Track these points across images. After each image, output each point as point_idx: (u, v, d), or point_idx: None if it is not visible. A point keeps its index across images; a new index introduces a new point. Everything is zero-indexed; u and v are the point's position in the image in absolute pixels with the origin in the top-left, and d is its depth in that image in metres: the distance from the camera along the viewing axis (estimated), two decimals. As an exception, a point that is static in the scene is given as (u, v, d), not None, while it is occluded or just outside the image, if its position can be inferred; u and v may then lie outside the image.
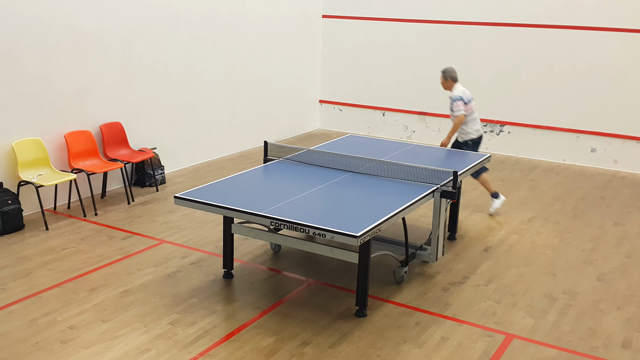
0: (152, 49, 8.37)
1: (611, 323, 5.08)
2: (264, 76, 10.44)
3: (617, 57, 9.41)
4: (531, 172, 9.42)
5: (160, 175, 8.28)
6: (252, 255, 6.18)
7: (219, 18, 9.36)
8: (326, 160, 6.33)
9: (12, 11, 6.71)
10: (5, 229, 6.50)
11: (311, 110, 11.90)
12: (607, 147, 9.68)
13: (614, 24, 9.34)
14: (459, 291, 5.56)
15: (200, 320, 4.92)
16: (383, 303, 5.29)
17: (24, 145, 6.89)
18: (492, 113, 10.39)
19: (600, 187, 8.74)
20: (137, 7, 8.08)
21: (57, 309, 5.07)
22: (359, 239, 4.49)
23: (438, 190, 5.63)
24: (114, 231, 6.71)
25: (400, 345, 4.67)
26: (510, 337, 4.83)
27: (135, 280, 5.60)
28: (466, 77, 10.43)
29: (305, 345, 4.63)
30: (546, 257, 6.34)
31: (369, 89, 11.42)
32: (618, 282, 5.80)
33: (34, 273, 5.69)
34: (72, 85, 7.42)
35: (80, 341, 4.62)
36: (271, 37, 10.46)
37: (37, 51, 6.99)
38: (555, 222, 7.28)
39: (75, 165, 7.27)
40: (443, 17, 10.54)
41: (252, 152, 10.02)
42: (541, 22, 9.83)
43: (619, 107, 9.50)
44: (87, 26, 7.48)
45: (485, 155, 6.86)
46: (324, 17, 11.61)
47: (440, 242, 5.81)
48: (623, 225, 7.26)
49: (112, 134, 7.86)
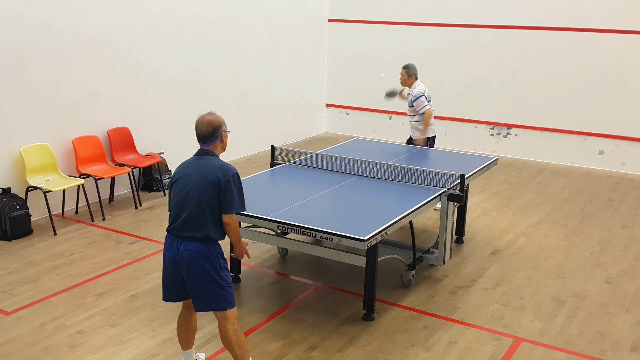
0: (159, 54, 8.40)
1: (620, 326, 5.05)
2: (270, 80, 10.46)
3: (625, 60, 9.37)
4: (539, 174, 9.39)
5: (167, 180, 8.30)
6: (259, 259, 6.19)
7: (226, 23, 9.38)
8: (333, 164, 6.33)
9: (20, 17, 6.75)
10: (13, 234, 6.53)
11: (318, 114, 11.91)
12: (615, 149, 9.64)
13: (621, 26, 9.31)
14: (467, 294, 5.54)
15: (207, 325, 4.93)
16: (390, 307, 5.28)
17: (32, 151, 6.92)
18: (499, 116, 10.38)
19: (608, 189, 8.71)
20: (144, 13, 8.11)
21: (66, 313, 5.09)
22: (366, 242, 4.48)
23: (445, 193, 5.62)
24: (121, 236, 6.73)
25: (408, 349, 4.66)
26: (519, 341, 4.81)
27: (143, 284, 5.62)
28: (473, 80, 10.45)
29: (313, 349, 4.63)
30: (554, 260, 6.31)
31: (376, 93, 11.40)
32: (626, 285, 5.77)
33: (42, 278, 5.72)
34: (79, 90, 7.45)
35: (89, 346, 4.64)
36: (277, 41, 10.48)
37: (44, 57, 7.03)
38: (563, 225, 7.26)
39: (83, 170, 7.30)
40: (449, 21, 10.53)
41: (259, 156, 10.03)
42: (548, 25, 9.81)
43: (626, 109, 9.46)
44: (94, 32, 7.52)
45: (492, 158, 6.85)
46: (330, 21, 11.63)
47: (448, 245, 5.79)
48: (631, 227, 7.22)
49: (120, 139, 7.88)
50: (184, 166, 4.07)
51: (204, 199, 3.87)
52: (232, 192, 3.89)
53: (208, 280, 3.90)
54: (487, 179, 8.91)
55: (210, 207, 3.88)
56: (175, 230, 3.93)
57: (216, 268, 3.92)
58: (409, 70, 7.37)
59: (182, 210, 3.90)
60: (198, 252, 3.87)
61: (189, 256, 3.88)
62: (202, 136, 4.06)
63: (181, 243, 3.90)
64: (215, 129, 4.04)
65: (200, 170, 3.95)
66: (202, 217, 3.87)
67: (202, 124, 4.05)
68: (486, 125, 10.48)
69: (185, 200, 3.90)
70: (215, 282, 3.92)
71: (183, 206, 3.90)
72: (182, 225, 3.90)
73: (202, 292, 3.93)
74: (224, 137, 4.11)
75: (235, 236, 4.00)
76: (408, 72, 7.37)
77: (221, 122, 4.08)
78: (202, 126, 4.04)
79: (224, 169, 3.94)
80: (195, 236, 3.88)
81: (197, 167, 3.98)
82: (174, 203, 3.97)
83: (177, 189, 3.97)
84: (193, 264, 3.87)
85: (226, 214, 3.89)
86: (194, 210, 3.87)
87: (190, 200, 3.89)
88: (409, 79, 7.39)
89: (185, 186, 3.93)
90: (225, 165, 3.98)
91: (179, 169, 4.07)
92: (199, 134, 4.06)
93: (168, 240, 3.99)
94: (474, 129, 10.62)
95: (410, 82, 7.41)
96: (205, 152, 4.07)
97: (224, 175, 3.90)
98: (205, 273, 3.89)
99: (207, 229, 3.89)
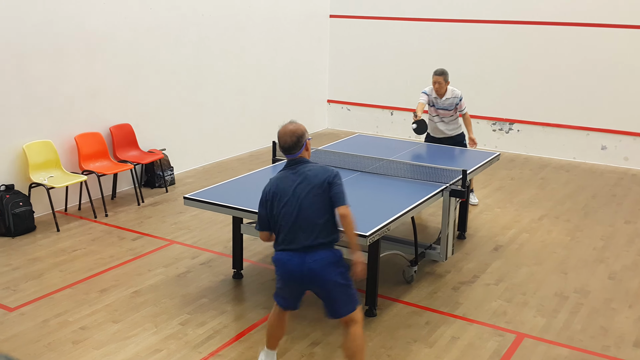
0: (160, 50, 8.40)
1: (623, 322, 5.05)
2: (272, 76, 10.46)
3: (627, 54, 9.35)
4: (541, 170, 9.38)
5: (169, 176, 8.31)
6: (261, 255, 6.19)
7: (227, 19, 9.38)
8: (334, 160, 6.33)
9: (22, 14, 6.75)
10: (16, 231, 6.54)
11: (319, 110, 11.90)
12: (618, 144, 9.63)
13: (624, 20, 9.28)
14: (469, 290, 5.54)
15: (210, 321, 4.94)
16: (393, 302, 5.29)
17: (35, 148, 6.93)
18: (501, 111, 10.36)
19: (611, 184, 8.69)
20: (146, 9, 8.11)
21: (69, 309, 5.10)
22: (368, 238, 4.49)
23: (447, 189, 5.62)
24: (124, 232, 6.75)
25: (410, 345, 4.66)
26: (521, 337, 4.81)
27: (146, 280, 5.63)
28: (475, 75, 10.42)
29: (315, 345, 4.63)
30: (557, 255, 6.31)
31: (377, 88, 11.41)
32: (630, 281, 5.77)
33: (46, 274, 5.73)
34: (81, 87, 7.45)
35: (92, 342, 4.65)
36: (279, 38, 10.47)
37: (46, 54, 7.03)
38: (566, 221, 7.25)
39: (85, 166, 7.31)
40: (451, 16, 10.51)
41: (261, 152, 10.04)
42: (549, 20, 9.78)
43: (629, 104, 9.44)
44: (96, 28, 7.52)
45: (494, 154, 6.84)
46: (331, 17, 11.61)
47: (450, 241, 5.79)
48: (634, 223, 7.21)
49: (122, 135, 7.89)
50: (278, 181, 3.98)
51: (318, 203, 3.86)
52: (341, 186, 3.91)
53: (338, 285, 3.89)
54: (490, 175, 8.90)
55: (326, 211, 3.87)
56: (295, 244, 3.86)
57: (342, 271, 3.91)
58: (447, 77, 7.14)
59: (298, 222, 3.84)
60: (325, 259, 3.85)
61: (318, 266, 3.83)
62: (287, 147, 3.96)
63: (305, 255, 3.83)
64: (299, 137, 3.95)
65: (304, 177, 3.91)
66: (321, 222, 3.85)
67: (285, 134, 3.95)
68: (488, 121, 10.47)
69: (300, 212, 3.85)
70: (345, 285, 3.91)
71: (298, 218, 3.84)
72: (303, 237, 3.84)
73: (335, 297, 3.91)
74: (308, 144, 4.03)
75: (352, 229, 3.91)
76: (446, 79, 7.13)
77: (304, 130, 4.00)
78: (286, 136, 3.95)
79: (325, 168, 3.96)
80: (320, 243, 3.84)
81: (297, 177, 3.93)
82: (283, 218, 3.88)
83: (280, 205, 3.90)
84: (323, 272, 3.84)
85: (342, 206, 3.88)
86: (312, 218, 3.84)
87: (306, 209, 3.85)
88: (445, 85, 7.16)
89: (293, 198, 3.87)
90: (324, 166, 4.00)
91: (272, 186, 3.98)
92: (283, 144, 3.96)
93: (284, 257, 3.90)
94: (475, 124, 10.48)
95: (446, 87, 7.19)
96: (298, 161, 3.99)
97: (329, 173, 3.91)
98: (336, 278, 3.87)
99: (329, 233, 3.87)
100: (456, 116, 7.36)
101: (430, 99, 7.28)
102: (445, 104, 7.22)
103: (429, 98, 7.27)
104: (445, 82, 7.15)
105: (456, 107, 7.24)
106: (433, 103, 7.30)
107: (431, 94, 7.27)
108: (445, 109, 7.25)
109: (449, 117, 7.32)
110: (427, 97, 7.27)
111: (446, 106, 7.23)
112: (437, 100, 7.25)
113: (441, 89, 7.17)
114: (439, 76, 7.13)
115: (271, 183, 4.02)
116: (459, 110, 7.28)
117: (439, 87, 7.15)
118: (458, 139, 7.45)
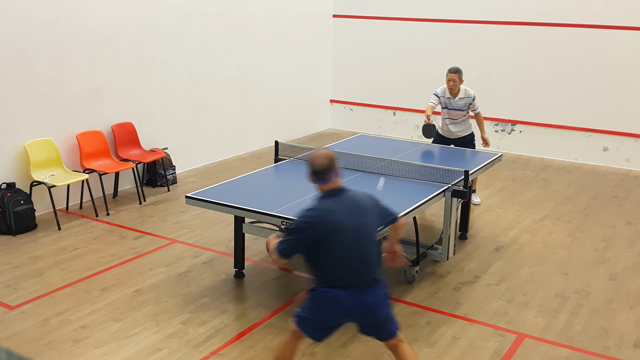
0: (163, 49, 8.40)
1: (624, 322, 5.05)
2: (274, 76, 10.46)
3: (630, 56, 9.34)
4: (543, 171, 9.38)
5: (171, 175, 8.32)
6: (263, 254, 6.20)
7: (230, 18, 9.38)
8: (337, 160, 6.32)
9: (24, 12, 6.76)
10: (18, 229, 6.54)
11: (322, 109, 11.90)
12: (620, 145, 9.62)
13: (627, 22, 9.28)
14: (470, 291, 5.54)
15: (211, 320, 4.94)
16: (394, 302, 5.28)
17: (36, 146, 6.94)
18: (503, 112, 10.36)
19: (613, 186, 8.69)
20: (149, 8, 8.12)
21: (70, 308, 5.10)
22: (370, 238, 4.47)
23: (449, 189, 5.62)
24: (125, 231, 6.75)
25: (411, 345, 4.65)
26: (522, 337, 4.81)
27: (147, 279, 5.63)
28: (478, 76, 10.41)
29: (316, 344, 4.63)
30: (558, 256, 6.31)
31: (380, 89, 11.40)
32: (630, 282, 5.77)
33: (47, 273, 5.74)
34: (84, 85, 7.46)
35: (93, 340, 4.65)
36: (282, 37, 10.47)
37: (49, 52, 7.04)
38: (567, 222, 7.25)
39: (87, 165, 7.31)
40: (454, 16, 10.51)
41: (263, 152, 10.04)
42: (552, 21, 9.78)
43: (631, 105, 9.44)
44: (98, 27, 7.52)
45: (496, 155, 6.84)
46: (334, 16, 11.61)
47: (452, 241, 5.79)
48: (636, 224, 7.21)
49: (124, 134, 7.90)
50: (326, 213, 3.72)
51: (373, 234, 3.78)
52: (381, 201, 3.94)
53: (389, 312, 3.85)
54: (491, 176, 8.90)
55: (378, 243, 3.82)
56: (353, 280, 3.66)
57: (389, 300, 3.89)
58: (462, 75, 7.08)
59: (357, 257, 3.66)
60: (383, 294, 3.77)
61: (377, 302, 3.72)
62: (321, 170, 3.75)
63: (364, 291, 3.67)
64: (331, 160, 3.79)
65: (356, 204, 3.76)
66: (375, 252, 3.76)
67: (317, 158, 3.79)
68: (490, 122, 10.46)
69: (360, 248, 3.67)
70: (391, 309, 3.88)
71: (358, 253, 3.67)
72: (363, 273, 3.69)
73: (387, 323, 3.84)
74: (338, 170, 3.85)
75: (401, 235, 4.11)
76: (460, 77, 7.07)
77: (333, 156, 3.86)
78: (318, 159, 3.78)
79: (363, 192, 3.89)
80: (375, 278, 3.72)
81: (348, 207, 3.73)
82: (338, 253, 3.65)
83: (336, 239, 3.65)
84: (381, 307, 3.76)
85: (398, 214, 4.02)
86: (371, 254, 3.72)
87: (366, 245, 3.70)
88: (459, 83, 7.12)
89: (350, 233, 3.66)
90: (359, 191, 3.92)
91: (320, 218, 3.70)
92: (317, 169, 3.76)
93: (338, 293, 3.65)
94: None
95: (459, 86, 7.17)
96: (337, 190, 3.80)
97: (369, 195, 3.88)
98: (389, 310, 3.84)
99: (380, 267, 3.77)
100: (467, 117, 7.35)
101: (443, 100, 7.26)
102: (458, 104, 7.21)
103: (440, 99, 7.26)
104: (460, 80, 7.12)
105: (469, 106, 7.23)
106: (445, 104, 7.27)
107: (444, 94, 7.24)
108: (459, 109, 7.23)
109: (461, 118, 7.32)
110: (439, 98, 7.25)
111: (459, 106, 7.22)
112: (450, 101, 7.23)
113: (455, 88, 7.13)
114: (454, 74, 7.09)
115: (318, 215, 3.73)
116: (472, 110, 7.27)
117: (454, 85, 7.10)
118: (468, 139, 7.45)
